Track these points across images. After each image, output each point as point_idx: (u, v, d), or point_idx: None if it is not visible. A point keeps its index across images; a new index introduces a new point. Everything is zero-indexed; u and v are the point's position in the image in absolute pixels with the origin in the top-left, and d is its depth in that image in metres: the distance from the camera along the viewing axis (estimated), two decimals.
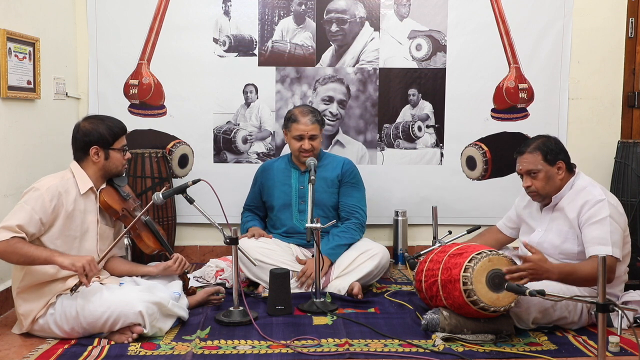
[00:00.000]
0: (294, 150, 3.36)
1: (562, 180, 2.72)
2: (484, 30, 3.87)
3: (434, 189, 3.96)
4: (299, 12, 3.86)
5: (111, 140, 2.67)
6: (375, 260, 3.21)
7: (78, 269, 2.40)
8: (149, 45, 3.83)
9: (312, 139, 3.31)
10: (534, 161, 2.72)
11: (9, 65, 2.95)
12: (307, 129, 3.29)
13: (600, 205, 2.59)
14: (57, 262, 2.42)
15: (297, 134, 3.30)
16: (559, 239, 2.71)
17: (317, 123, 3.33)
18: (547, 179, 2.71)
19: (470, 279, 2.46)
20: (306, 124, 3.29)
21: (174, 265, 2.80)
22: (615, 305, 1.89)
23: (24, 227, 2.43)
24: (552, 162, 2.70)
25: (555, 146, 2.73)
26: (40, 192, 2.49)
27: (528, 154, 2.74)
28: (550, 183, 2.72)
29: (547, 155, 2.70)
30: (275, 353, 2.42)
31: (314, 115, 3.34)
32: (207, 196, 2.94)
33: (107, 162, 2.68)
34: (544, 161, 2.70)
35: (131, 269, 2.83)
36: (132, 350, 2.42)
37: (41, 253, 2.43)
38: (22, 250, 2.40)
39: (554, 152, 2.70)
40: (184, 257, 2.87)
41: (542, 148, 2.71)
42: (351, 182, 3.43)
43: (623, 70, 3.92)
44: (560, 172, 2.71)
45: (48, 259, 2.43)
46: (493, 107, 3.94)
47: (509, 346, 2.49)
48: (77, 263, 2.40)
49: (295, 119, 3.32)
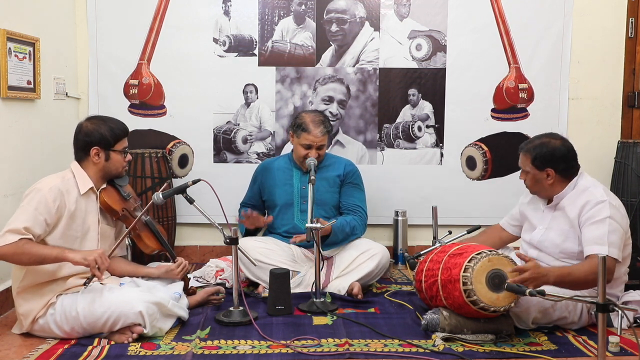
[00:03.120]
0: (299, 156, 3.33)
1: (553, 185, 2.72)
2: (484, 30, 3.87)
3: (434, 189, 3.96)
4: (299, 12, 3.86)
5: (112, 142, 2.67)
6: (375, 260, 3.21)
7: (90, 262, 2.41)
8: (149, 45, 3.83)
9: (320, 149, 3.31)
10: (524, 162, 2.76)
11: (9, 65, 2.95)
12: (317, 140, 3.27)
13: (601, 206, 2.59)
14: (68, 259, 2.43)
15: (306, 143, 3.28)
16: (559, 237, 2.71)
17: (327, 134, 3.33)
18: (535, 181, 2.74)
19: (470, 279, 2.46)
20: (316, 135, 3.26)
21: (176, 269, 2.80)
22: (615, 305, 1.89)
23: (30, 228, 2.43)
24: (540, 168, 2.71)
25: (548, 153, 2.68)
26: (43, 192, 2.49)
27: (522, 153, 2.78)
28: (537, 185, 2.75)
29: (535, 160, 2.71)
30: (275, 353, 2.42)
31: (325, 127, 3.30)
32: (207, 196, 2.94)
33: (107, 164, 2.68)
34: (532, 165, 2.72)
35: (132, 269, 2.83)
36: (132, 350, 2.42)
37: (51, 251, 2.44)
38: (31, 250, 2.40)
39: (544, 160, 2.69)
40: (186, 260, 2.86)
41: (532, 152, 2.72)
42: (353, 182, 3.43)
43: (623, 70, 3.92)
44: (549, 178, 2.70)
45: (59, 257, 2.43)
46: (493, 107, 3.94)
47: (509, 346, 2.49)
48: (88, 257, 2.41)
49: (307, 128, 3.26)
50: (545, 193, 2.77)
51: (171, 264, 2.84)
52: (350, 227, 3.28)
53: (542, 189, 2.76)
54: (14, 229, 2.41)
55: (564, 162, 2.70)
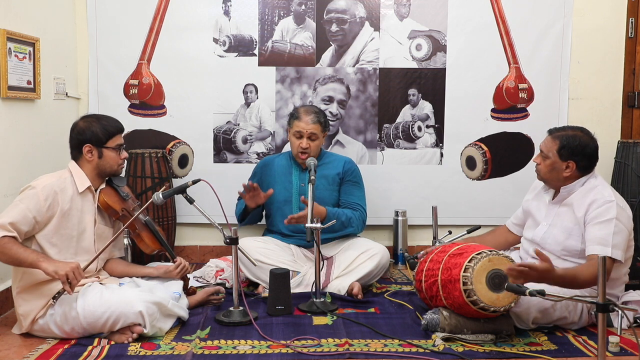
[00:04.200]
0: (293, 148, 3.37)
1: (568, 178, 2.71)
2: (484, 30, 3.87)
3: (434, 189, 3.96)
4: (299, 12, 3.86)
5: (104, 139, 2.67)
6: (375, 259, 3.21)
7: (61, 277, 2.36)
8: (149, 45, 3.83)
9: (311, 139, 3.31)
10: (550, 147, 2.73)
11: (9, 65, 2.95)
12: (307, 128, 3.29)
13: (608, 206, 2.59)
14: (41, 268, 2.39)
15: (297, 131, 3.32)
16: (563, 234, 2.70)
17: (319, 124, 3.33)
18: (552, 168, 2.72)
19: (470, 279, 2.47)
20: (307, 122, 3.30)
21: (175, 270, 2.80)
22: (615, 305, 1.89)
23: (17, 224, 2.43)
24: (564, 158, 2.69)
25: (577, 146, 2.68)
26: (36, 190, 2.50)
27: (551, 137, 2.75)
28: (553, 173, 2.72)
29: (562, 148, 2.69)
30: (275, 353, 2.42)
31: (317, 116, 3.34)
32: (207, 196, 2.94)
33: (100, 161, 2.68)
34: (557, 152, 2.70)
35: (131, 270, 2.83)
36: (132, 350, 2.42)
37: (28, 256, 2.41)
38: (10, 251, 2.39)
39: (570, 150, 2.68)
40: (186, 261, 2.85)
41: (562, 140, 2.70)
42: (353, 180, 3.43)
43: (623, 70, 3.92)
44: (568, 170, 2.69)
45: (33, 263, 2.40)
46: (493, 107, 3.94)
47: (509, 346, 2.49)
48: (60, 271, 2.36)
49: (298, 116, 3.34)
50: (555, 183, 2.75)
51: (170, 264, 2.84)
52: (347, 217, 3.28)
53: (555, 179, 2.73)
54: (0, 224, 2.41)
55: (588, 160, 2.71)
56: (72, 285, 2.39)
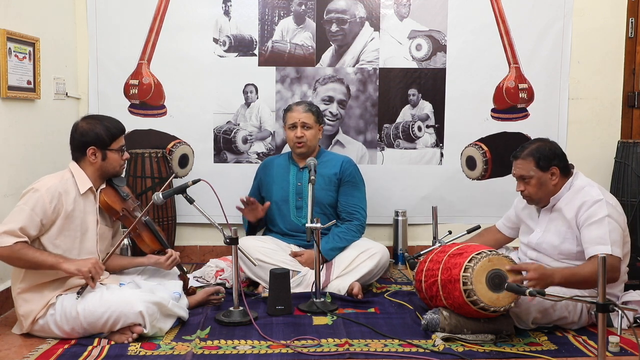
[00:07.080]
0: (290, 141, 3.40)
1: (556, 185, 2.72)
2: (484, 30, 3.87)
3: (434, 189, 3.96)
4: (299, 12, 3.86)
5: (108, 141, 2.67)
6: (375, 259, 3.21)
7: (84, 273, 2.45)
8: (149, 45, 3.83)
9: (305, 128, 3.32)
10: (527, 167, 2.71)
11: (9, 65, 2.95)
12: (300, 117, 3.33)
13: (598, 205, 2.60)
14: (63, 269, 2.45)
15: (290, 122, 3.36)
16: (557, 239, 2.71)
17: (311, 112, 3.37)
18: (540, 185, 2.71)
19: (470, 279, 2.46)
20: (298, 111, 3.35)
21: (165, 262, 2.80)
22: (615, 305, 1.89)
23: (26, 229, 2.43)
24: (545, 169, 2.69)
25: (550, 152, 2.70)
26: (40, 193, 2.49)
27: (521, 159, 2.73)
28: (542, 189, 2.72)
29: (539, 161, 2.69)
30: (275, 353, 2.42)
31: (308, 106, 3.41)
32: (207, 196, 2.94)
33: (104, 163, 2.68)
34: (536, 167, 2.70)
35: (123, 262, 2.85)
36: (132, 350, 2.42)
37: (46, 259, 2.45)
38: (27, 256, 2.42)
39: (547, 158, 2.69)
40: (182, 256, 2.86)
41: (534, 154, 2.70)
42: (351, 181, 3.42)
43: (623, 70, 3.92)
44: (554, 177, 2.70)
45: (54, 266, 2.46)
46: (493, 107, 3.94)
47: (509, 346, 2.49)
48: (82, 268, 2.45)
49: (290, 108, 3.43)
50: (547, 198, 2.75)
51: (161, 258, 2.83)
52: (346, 240, 3.30)
53: (546, 193, 2.73)
54: (9, 231, 2.41)
55: (563, 160, 2.74)
56: (94, 279, 2.48)
